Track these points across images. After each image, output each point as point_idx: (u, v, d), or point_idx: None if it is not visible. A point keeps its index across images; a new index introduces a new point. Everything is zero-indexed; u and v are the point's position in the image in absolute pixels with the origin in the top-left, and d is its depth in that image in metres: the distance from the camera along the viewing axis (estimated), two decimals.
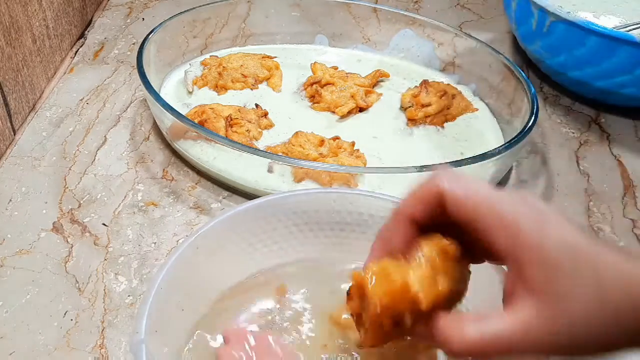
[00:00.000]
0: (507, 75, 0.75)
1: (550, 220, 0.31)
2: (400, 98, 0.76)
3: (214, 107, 0.69)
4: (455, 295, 0.34)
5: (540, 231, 0.30)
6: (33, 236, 0.57)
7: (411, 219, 0.34)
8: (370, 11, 0.87)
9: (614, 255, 0.30)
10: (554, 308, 0.30)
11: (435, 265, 0.33)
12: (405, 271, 0.32)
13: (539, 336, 0.30)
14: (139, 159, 0.67)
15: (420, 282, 0.32)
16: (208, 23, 0.83)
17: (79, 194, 0.62)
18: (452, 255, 0.33)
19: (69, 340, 0.49)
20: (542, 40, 0.78)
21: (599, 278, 0.30)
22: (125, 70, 0.81)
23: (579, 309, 0.29)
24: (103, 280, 0.53)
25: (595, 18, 0.83)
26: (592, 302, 0.29)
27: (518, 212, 0.31)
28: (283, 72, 0.80)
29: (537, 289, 0.30)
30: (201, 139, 0.63)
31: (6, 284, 0.52)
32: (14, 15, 0.66)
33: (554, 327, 0.30)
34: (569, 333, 0.30)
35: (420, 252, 0.33)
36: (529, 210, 0.31)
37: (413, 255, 0.33)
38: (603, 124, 0.78)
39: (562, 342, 0.30)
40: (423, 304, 0.32)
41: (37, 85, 0.73)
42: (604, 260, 0.30)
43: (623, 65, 0.72)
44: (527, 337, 0.30)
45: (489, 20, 0.99)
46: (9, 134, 0.67)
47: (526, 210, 0.31)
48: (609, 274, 0.30)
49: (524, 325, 0.30)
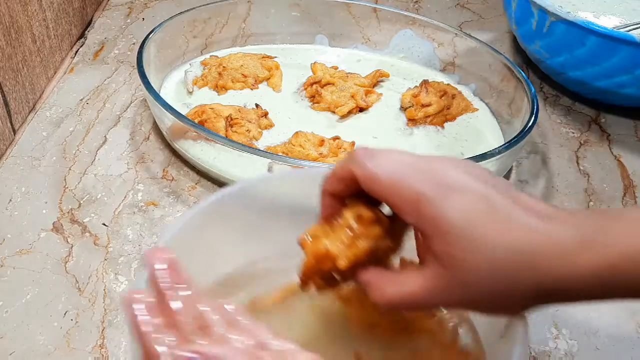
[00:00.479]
0: (507, 75, 0.75)
1: (451, 194, 0.33)
2: (400, 98, 0.76)
3: (214, 107, 0.69)
4: (381, 252, 0.38)
5: (439, 206, 0.33)
6: (33, 236, 0.57)
7: (333, 195, 0.38)
8: (370, 11, 0.87)
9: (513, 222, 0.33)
10: (450, 275, 0.34)
11: (353, 229, 0.37)
12: (328, 236, 0.38)
13: (441, 297, 0.35)
14: (139, 159, 0.67)
15: (337, 245, 0.37)
16: (208, 23, 0.83)
17: (79, 194, 0.62)
18: (367, 219, 0.37)
19: (69, 340, 0.49)
20: (542, 40, 0.78)
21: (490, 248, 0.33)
22: (125, 70, 0.81)
23: (472, 276, 0.33)
24: (103, 280, 0.53)
25: (595, 18, 0.83)
26: (484, 271, 0.33)
27: (420, 189, 0.34)
28: (283, 72, 0.80)
29: (437, 257, 0.34)
30: (201, 139, 0.62)
31: (6, 284, 0.52)
32: (14, 15, 0.66)
33: (452, 290, 0.34)
34: (465, 295, 0.34)
35: (340, 219, 0.38)
36: (432, 186, 0.34)
37: (337, 221, 0.38)
38: (603, 124, 0.78)
39: (460, 302, 0.35)
40: (341, 264, 0.37)
41: (37, 85, 0.73)
42: (499, 230, 0.33)
43: (623, 65, 0.72)
44: (432, 297, 0.35)
45: (489, 20, 0.99)
46: (9, 134, 0.67)
47: (429, 186, 0.34)
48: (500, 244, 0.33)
49: (428, 288, 0.35)
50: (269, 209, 0.47)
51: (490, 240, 0.33)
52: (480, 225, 0.33)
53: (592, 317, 0.54)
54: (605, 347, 0.52)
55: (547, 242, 0.32)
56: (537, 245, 0.32)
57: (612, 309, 0.55)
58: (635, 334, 0.53)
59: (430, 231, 0.34)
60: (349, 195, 0.38)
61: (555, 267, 0.32)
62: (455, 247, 0.33)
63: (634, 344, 0.52)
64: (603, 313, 0.55)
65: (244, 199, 0.46)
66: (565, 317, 0.54)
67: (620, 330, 0.53)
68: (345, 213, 0.38)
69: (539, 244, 0.32)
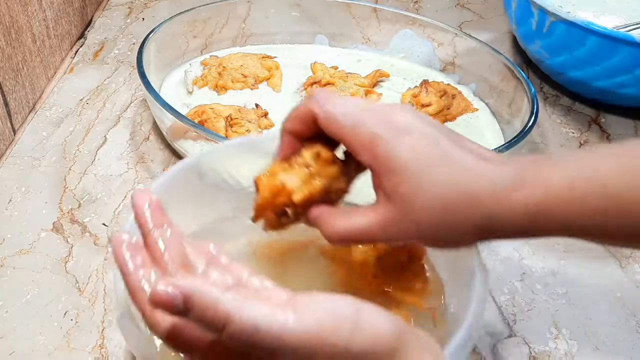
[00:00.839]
0: (507, 75, 0.75)
1: (403, 136, 0.35)
2: (400, 98, 0.76)
3: (214, 107, 0.69)
4: (334, 193, 0.40)
5: (392, 146, 0.35)
6: (33, 236, 0.57)
7: (293, 133, 0.39)
8: (370, 11, 0.87)
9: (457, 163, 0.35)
10: (401, 211, 0.36)
11: (310, 167, 0.39)
12: (286, 172, 0.39)
13: (393, 231, 0.36)
14: (139, 159, 0.67)
15: (294, 180, 0.39)
16: (208, 23, 0.83)
17: (79, 194, 0.62)
18: (325, 158, 0.39)
19: (69, 340, 0.49)
20: (542, 40, 0.78)
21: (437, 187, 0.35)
22: (125, 70, 0.81)
23: (419, 212, 0.35)
24: (103, 280, 0.54)
25: (595, 18, 0.83)
26: (430, 208, 0.35)
27: (375, 131, 0.36)
28: (283, 72, 0.80)
29: (388, 194, 0.36)
30: (201, 139, 0.62)
31: (6, 284, 0.52)
32: (14, 15, 0.66)
33: (401, 224, 0.36)
34: (417, 230, 0.36)
35: (299, 157, 0.39)
36: (387, 128, 0.36)
37: (294, 159, 0.39)
38: (603, 124, 0.78)
39: (408, 236, 0.37)
40: (296, 198, 0.38)
41: (37, 85, 0.73)
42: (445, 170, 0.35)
43: (623, 65, 0.72)
44: (384, 231, 0.37)
45: (489, 20, 0.99)
46: (9, 134, 0.67)
47: (384, 128, 0.36)
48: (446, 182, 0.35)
49: (380, 222, 0.36)
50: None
51: (437, 179, 0.35)
52: (428, 165, 0.35)
53: (592, 317, 0.54)
54: (605, 347, 0.52)
55: (486, 182, 0.35)
56: (477, 184, 0.35)
57: (612, 309, 0.55)
58: (635, 334, 0.53)
59: (383, 170, 0.36)
60: (306, 139, 0.40)
61: (492, 206, 0.35)
62: (405, 185, 0.35)
63: (634, 344, 0.53)
64: (603, 313, 0.55)
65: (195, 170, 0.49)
66: (565, 317, 0.54)
67: (620, 330, 0.54)
68: (304, 152, 0.39)
69: (478, 183, 0.35)
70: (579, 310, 0.55)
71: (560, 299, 0.56)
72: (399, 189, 0.35)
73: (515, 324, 0.53)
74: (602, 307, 0.55)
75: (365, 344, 0.30)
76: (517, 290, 0.56)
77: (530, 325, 0.53)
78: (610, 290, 0.57)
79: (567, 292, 0.56)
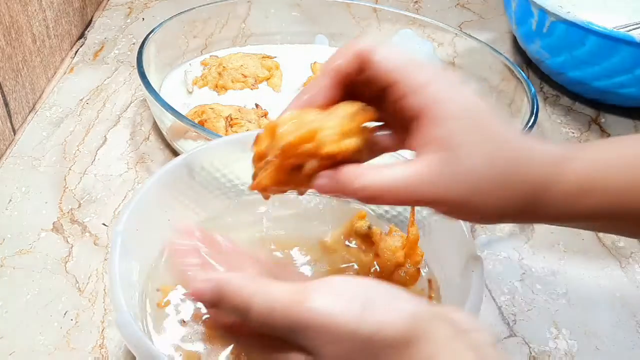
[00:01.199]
0: (507, 75, 0.75)
1: (460, 86, 0.34)
2: None
3: (214, 107, 0.69)
4: (355, 161, 0.35)
5: (449, 91, 0.34)
6: (33, 236, 0.57)
7: (338, 73, 0.36)
8: (370, 11, 0.87)
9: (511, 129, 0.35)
10: (447, 158, 0.33)
11: (347, 123, 0.34)
12: (317, 120, 0.34)
13: (430, 188, 0.33)
14: (139, 159, 0.67)
15: (328, 131, 0.34)
16: (208, 23, 0.83)
17: (79, 194, 0.62)
18: (365, 117, 0.35)
19: (69, 340, 0.49)
20: (542, 40, 0.78)
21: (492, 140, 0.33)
22: (125, 70, 0.81)
23: (468, 163, 0.33)
24: (103, 280, 0.53)
25: (596, 18, 0.83)
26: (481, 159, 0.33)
27: (433, 77, 0.34)
28: (283, 72, 0.80)
29: (436, 142, 0.33)
30: (201, 139, 0.62)
31: (6, 284, 0.52)
32: (14, 15, 0.66)
33: (442, 176, 0.33)
34: (453, 184, 0.33)
35: (337, 109, 0.35)
36: (444, 77, 0.34)
37: (330, 110, 0.35)
38: (603, 124, 0.78)
39: (446, 192, 0.33)
40: (325, 149, 0.33)
41: (37, 85, 0.73)
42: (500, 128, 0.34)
43: (623, 65, 0.72)
44: (420, 185, 0.33)
45: (489, 20, 0.99)
46: (9, 134, 0.67)
47: (441, 76, 0.34)
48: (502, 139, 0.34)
49: (418, 174, 0.33)
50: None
51: (493, 132, 0.34)
52: (485, 117, 0.34)
53: (592, 317, 0.54)
54: (605, 347, 0.52)
55: (540, 149, 0.35)
56: (531, 150, 0.35)
57: (612, 309, 0.55)
58: (635, 334, 0.53)
59: (439, 114, 0.33)
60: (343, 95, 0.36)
61: (545, 174, 0.34)
62: (459, 132, 0.33)
63: (634, 344, 0.53)
64: (603, 313, 0.55)
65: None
66: (565, 317, 0.54)
67: (620, 330, 0.54)
68: (343, 104, 0.35)
69: (532, 148, 0.35)
70: (579, 310, 0.55)
71: (560, 299, 0.56)
72: (450, 135, 0.33)
73: (515, 324, 0.53)
74: (602, 307, 0.55)
75: (372, 327, 0.29)
76: (517, 290, 0.56)
77: (530, 325, 0.53)
78: (610, 290, 0.57)
79: (567, 292, 0.56)
